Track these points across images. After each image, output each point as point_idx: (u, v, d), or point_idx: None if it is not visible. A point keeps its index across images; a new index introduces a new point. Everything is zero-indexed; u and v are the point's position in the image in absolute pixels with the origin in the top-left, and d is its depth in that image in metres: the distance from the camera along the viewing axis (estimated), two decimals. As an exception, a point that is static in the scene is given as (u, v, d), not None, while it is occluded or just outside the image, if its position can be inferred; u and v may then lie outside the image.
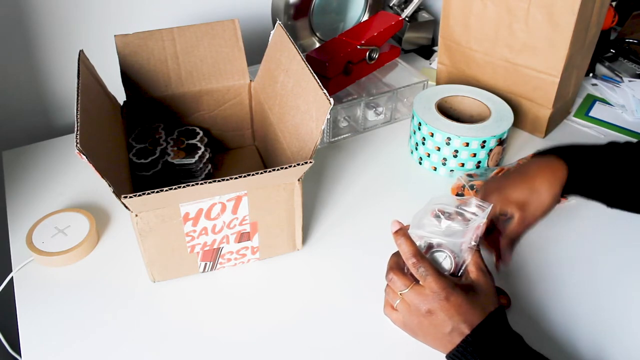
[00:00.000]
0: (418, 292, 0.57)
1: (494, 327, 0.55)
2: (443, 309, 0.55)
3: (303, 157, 0.68)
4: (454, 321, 0.55)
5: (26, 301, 0.69)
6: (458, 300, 0.55)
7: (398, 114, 1.03)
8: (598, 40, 1.00)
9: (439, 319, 0.56)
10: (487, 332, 0.55)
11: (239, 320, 0.68)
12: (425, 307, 0.56)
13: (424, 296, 0.56)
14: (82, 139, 0.56)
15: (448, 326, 0.55)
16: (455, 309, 0.55)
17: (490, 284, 0.59)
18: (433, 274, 0.56)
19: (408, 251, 0.58)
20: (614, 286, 0.72)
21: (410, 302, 0.58)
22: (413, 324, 0.58)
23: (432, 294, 0.56)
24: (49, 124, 1.04)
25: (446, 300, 0.55)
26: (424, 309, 0.56)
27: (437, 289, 0.55)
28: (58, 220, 0.78)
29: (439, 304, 0.55)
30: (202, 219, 0.66)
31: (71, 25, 0.96)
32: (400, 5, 1.19)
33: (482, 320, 0.55)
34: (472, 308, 0.55)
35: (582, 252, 0.77)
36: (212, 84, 0.84)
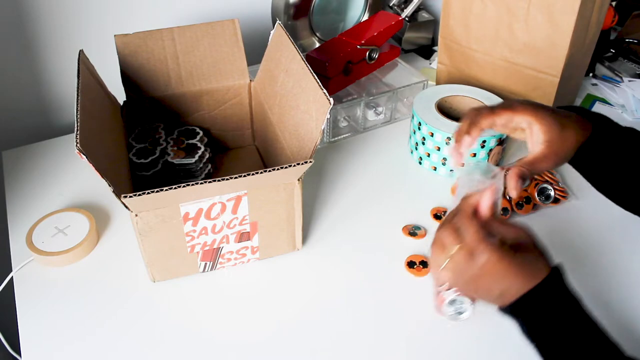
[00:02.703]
0: (465, 255, 0.53)
1: (549, 288, 0.53)
2: (488, 273, 0.52)
3: (303, 157, 0.68)
4: (501, 286, 0.53)
5: (26, 301, 0.69)
6: (502, 263, 0.52)
7: (398, 113, 1.03)
8: (598, 40, 1.00)
9: (486, 283, 0.53)
10: (540, 295, 0.52)
11: (239, 320, 0.68)
12: (471, 271, 0.53)
13: (469, 260, 0.53)
14: (82, 139, 0.56)
15: (496, 290, 0.53)
16: (501, 274, 0.52)
17: (535, 240, 0.55)
18: (476, 232, 0.53)
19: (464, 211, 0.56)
20: (615, 286, 0.72)
21: (458, 263, 0.54)
22: (462, 284, 0.56)
23: (481, 257, 0.52)
24: (49, 124, 1.03)
25: (488, 264, 0.52)
26: (472, 273, 0.53)
27: (483, 249, 0.52)
28: (58, 220, 0.78)
29: (483, 269, 0.52)
30: (202, 218, 0.66)
31: (71, 25, 0.96)
32: (400, 5, 1.19)
33: (537, 283, 0.52)
34: (518, 271, 0.52)
35: (585, 252, 0.77)
36: (212, 84, 0.84)
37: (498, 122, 0.62)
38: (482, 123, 0.62)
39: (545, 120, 0.60)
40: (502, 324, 0.68)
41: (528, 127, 0.61)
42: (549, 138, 0.60)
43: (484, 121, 0.62)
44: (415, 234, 0.79)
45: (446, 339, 0.66)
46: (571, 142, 0.61)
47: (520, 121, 0.61)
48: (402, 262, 0.75)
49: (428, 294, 0.71)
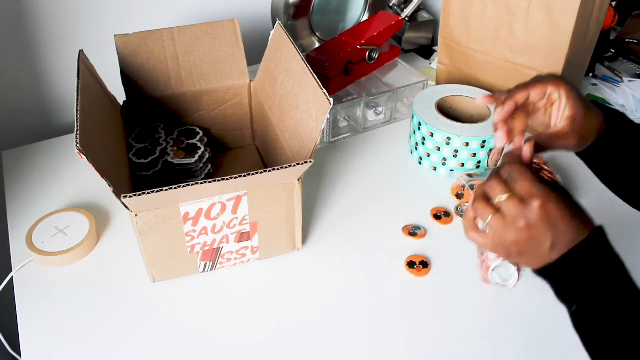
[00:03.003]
0: (517, 202, 0.50)
1: (594, 247, 0.51)
2: (542, 220, 0.50)
3: (303, 157, 0.68)
4: (554, 234, 0.50)
5: (26, 301, 0.69)
6: (557, 208, 0.50)
7: (398, 114, 1.03)
8: (598, 40, 1.00)
9: (537, 232, 0.50)
10: (586, 253, 0.50)
11: (239, 320, 0.68)
12: (524, 219, 0.50)
13: (522, 206, 0.50)
14: (82, 139, 0.56)
15: (547, 241, 0.50)
16: (555, 220, 0.50)
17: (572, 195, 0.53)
18: (528, 179, 0.51)
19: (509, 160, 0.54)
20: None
21: (508, 213, 0.51)
22: (508, 241, 0.52)
23: (537, 200, 0.50)
24: (49, 124, 1.03)
25: (544, 208, 0.49)
26: (522, 222, 0.50)
27: (536, 194, 0.50)
28: (58, 220, 0.78)
29: (538, 214, 0.50)
30: (202, 218, 0.66)
31: (71, 25, 0.96)
32: (400, 5, 1.19)
33: (583, 239, 0.50)
34: (570, 221, 0.50)
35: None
36: (212, 84, 0.84)
37: (533, 95, 0.61)
38: (517, 96, 0.61)
39: (574, 96, 0.60)
40: (502, 325, 0.68)
41: (558, 100, 0.60)
42: (574, 114, 0.59)
43: (519, 95, 0.61)
44: (415, 234, 0.79)
45: (446, 339, 0.66)
46: (592, 127, 0.61)
47: (552, 92, 0.60)
48: (402, 262, 0.75)
49: (428, 294, 0.71)
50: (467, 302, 0.70)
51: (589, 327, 0.51)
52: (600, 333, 0.50)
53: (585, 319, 0.51)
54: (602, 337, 0.50)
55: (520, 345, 0.66)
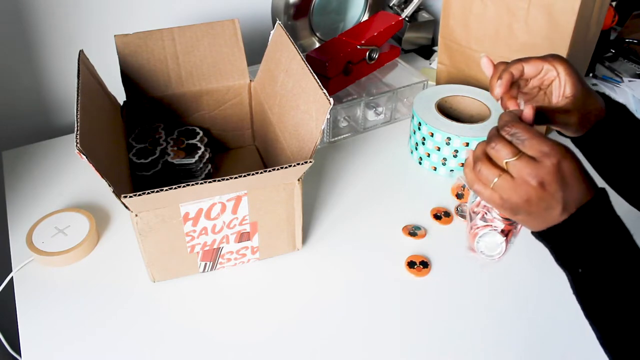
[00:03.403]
0: (528, 161, 0.48)
1: (599, 208, 0.49)
2: (556, 178, 0.48)
3: (303, 157, 0.68)
4: (566, 195, 0.48)
5: (26, 301, 0.69)
6: (571, 166, 0.48)
7: (398, 114, 1.03)
8: (598, 40, 1.00)
9: (550, 191, 0.48)
10: (592, 214, 0.49)
11: (239, 320, 0.68)
12: (536, 178, 0.48)
13: (535, 165, 0.48)
14: (82, 139, 0.56)
15: (559, 201, 0.48)
16: (568, 179, 0.48)
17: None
18: (538, 136, 0.48)
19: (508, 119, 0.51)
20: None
21: (518, 174, 0.48)
22: (517, 201, 0.49)
23: (551, 158, 0.48)
24: (49, 124, 1.03)
25: (558, 166, 0.48)
26: (535, 182, 0.48)
27: (549, 152, 0.48)
28: (58, 220, 0.78)
29: (553, 172, 0.47)
30: (202, 218, 0.66)
31: (71, 25, 0.96)
32: (400, 5, 1.19)
33: (590, 199, 0.49)
34: (581, 180, 0.49)
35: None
36: (212, 84, 0.84)
37: (527, 69, 0.59)
38: (512, 68, 0.59)
39: (575, 76, 0.59)
40: (503, 325, 0.68)
41: (557, 78, 0.59)
42: (575, 93, 0.58)
43: (514, 67, 0.59)
44: (415, 234, 0.79)
45: (446, 339, 0.66)
46: (592, 110, 0.59)
47: (549, 68, 0.59)
48: (402, 262, 0.75)
49: (428, 294, 0.71)
50: (467, 302, 0.70)
51: (591, 291, 0.50)
52: (602, 297, 0.49)
53: (587, 284, 0.50)
54: (604, 301, 0.49)
55: (521, 345, 0.66)
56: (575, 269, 0.50)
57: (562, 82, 0.59)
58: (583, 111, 0.59)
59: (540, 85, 0.61)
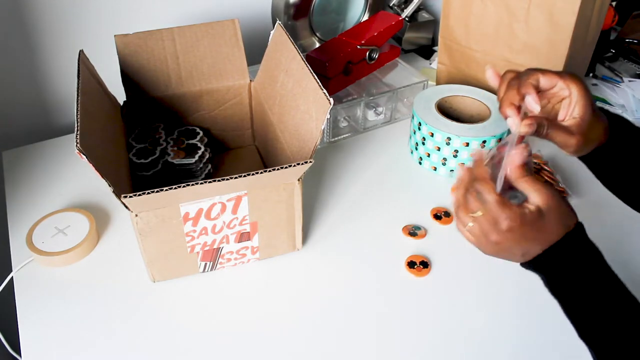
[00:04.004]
0: (488, 220, 0.53)
1: (570, 244, 0.53)
2: (510, 238, 0.53)
3: (303, 157, 0.68)
4: (522, 248, 0.53)
5: (26, 301, 0.69)
6: (522, 228, 0.52)
7: (398, 114, 1.03)
8: (598, 40, 1.00)
9: (508, 245, 0.53)
10: (561, 250, 0.53)
11: (239, 320, 0.68)
12: (493, 236, 0.53)
13: (492, 225, 0.53)
14: (82, 139, 0.56)
15: (518, 251, 0.54)
16: (522, 238, 0.53)
17: (558, 199, 0.54)
18: (494, 201, 0.53)
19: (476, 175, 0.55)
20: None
21: (480, 228, 0.54)
22: (486, 245, 0.55)
23: (503, 223, 0.52)
24: (49, 124, 1.03)
25: (513, 229, 0.52)
26: (493, 238, 0.53)
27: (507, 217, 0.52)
28: (58, 220, 0.78)
29: (505, 235, 0.53)
30: (202, 219, 0.66)
31: (71, 25, 0.96)
32: (400, 5, 1.19)
33: (557, 240, 0.53)
34: (538, 233, 0.53)
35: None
36: (212, 84, 0.84)
37: (542, 82, 0.59)
38: (530, 77, 0.59)
39: (587, 99, 0.59)
40: (503, 325, 0.68)
41: (569, 97, 0.59)
42: (582, 116, 0.58)
43: (533, 77, 0.59)
44: (415, 234, 0.79)
45: (446, 339, 0.66)
46: (596, 135, 0.60)
47: (562, 87, 0.59)
48: (402, 262, 0.75)
49: (428, 294, 0.71)
50: (467, 302, 0.70)
51: (577, 316, 0.54)
52: (588, 321, 0.53)
53: (572, 309, 0.54)
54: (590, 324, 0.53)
55: (521, 345, 0.66)
56: (558, 297, 0.55)
57: (573, 103, 0.59)
58: (585, 136, 0.59)
59: (549, 98, 0.61)
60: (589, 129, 0.59)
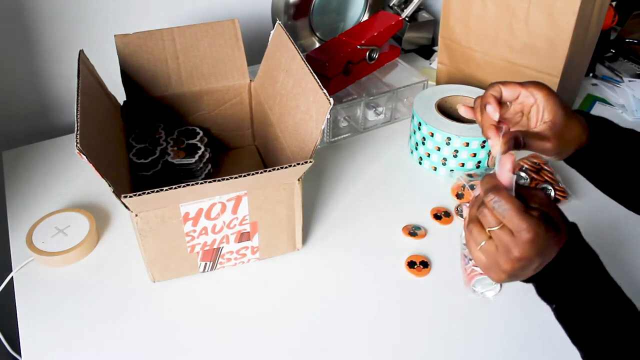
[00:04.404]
0: (508, 233, 0.50)
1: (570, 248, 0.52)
2: (533, 250, 0.50)
3: (303, 157, 0.68)
4: (543, 259, 0.51)
5: (26, 301, 0.69)
6: (546, 238, 0.50)
7: (398, 114, 1.03)
8: (598, 40, 1.00)
9: (529, 259, 0.50)
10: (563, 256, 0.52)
11: (239, 320, 0.68)
12: (515, 250, 0.50)
13: (513, 239, 0.50)
14: (82, 139, 0.56)
15: (536, 264, 0.51)
16: (544, 248, 0.50)
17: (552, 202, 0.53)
18: (516, 211, 0.50)
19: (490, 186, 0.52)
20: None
21: (499, 243, 0.51)
22: (500, 267, 0.52)
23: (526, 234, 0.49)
24: (49, 124, 1.03)
25: (534, 242, 0.49)
26: (515, 253, 0.50)
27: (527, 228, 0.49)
28: (58, 220, 0.78)
29: (529, 247, 0.50)
30: (202, 218, 0.66)
31: (71, 25, 0.96)
32: (400, 5, 1.19)
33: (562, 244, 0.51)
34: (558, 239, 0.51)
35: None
36: (212, 84, 0.84)
37: (505, 93, 0.60)
38: (492, 89, 0.61)
39: (554, 102, 0.59)
40: (503, 325, 0.68)
41: (535, 104, 0.60)
42: (553, 119, 0.59)
43: (493, 89, 0.61)
44: (415, 234, 0.79)
45: (446, 339, 0.66)
46: (573, 135, 0.60)
47: (526, 95, 0.60)
48: (402, 262, 0.75)
49: (428, 294, 0.71)
50: (467, 302, 0.70)
51: (570, 321, 0.54)
52: (581, 325, 0.53)
53: (566, 315, 0.54)
54: (583, 328, 0.53)
55: (521, 345, 0.66)
56: (551, 303, 0.54)
57: (541, 108, 0.60)
58: (561, 138, 0.60)
59: (522, 110, 0.62)
60: (563, 130, 0.60)
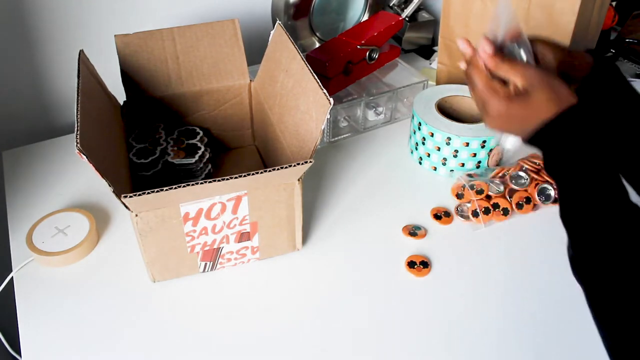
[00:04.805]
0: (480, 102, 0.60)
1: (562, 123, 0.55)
2: (503, 117, 0.58)
3: (303, 157, 0.68)
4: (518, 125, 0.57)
5: (26, 301, 0.69)
6: (518, 107, 0.57)
7: (398, 114, 1.03)
8: (598, 40, 1.00)
9: (502, 124, 0.59)
10: (554, 128, 0.55)
11: (239, 320, 0.68)
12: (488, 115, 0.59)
13: (485, 108, 0.59)
14: (82, 139, 0.56)
15: (514, 129, 0.58)
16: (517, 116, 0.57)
17: (546, 78, 0.57)
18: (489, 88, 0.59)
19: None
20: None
21: (479, 99, 0.61)
22: (485, 115, 0.60)
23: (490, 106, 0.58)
24: (49, 124, 1.03)
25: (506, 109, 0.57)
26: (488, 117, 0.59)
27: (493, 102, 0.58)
28: (58, 220, 0.78)
29: (498, 115, 0.58)
30: (202, 218, 0.66)
31: (71, 25, 0.96)
32: (400, 5, 1.19)
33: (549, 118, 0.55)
34: (533, 110, 0.56)
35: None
36: (212, 84, 0.84)
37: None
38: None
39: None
40: (503, 324, 0.68)
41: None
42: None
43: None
44: (415, 234, 0.79)
45: (446, 339, 0.66)
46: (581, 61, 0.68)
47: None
48: (402, 262, 0.75)
49: (428, 294, 0.71)
50: (467, 302, 0.70)
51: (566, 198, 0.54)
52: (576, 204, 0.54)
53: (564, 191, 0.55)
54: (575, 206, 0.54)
55: (521, 345, 0.66)
56: (553, 177, 0.56)
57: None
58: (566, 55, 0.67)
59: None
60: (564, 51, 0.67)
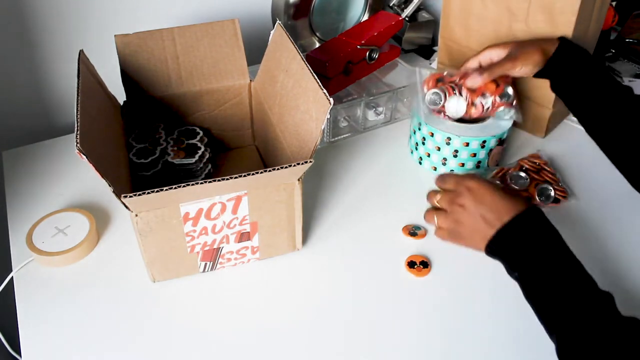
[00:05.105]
0: (448, 194, 0.65)
1: (526, 222, 0.59)
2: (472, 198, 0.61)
3: (303, 157, 0.68)
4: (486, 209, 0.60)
5: (26, 301, 0.69)
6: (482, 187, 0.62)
7: (398, 114, 1.03)
8: (598, 40, 1.00)
9: (472, 208, 0.61)
10: (519, 225, 0.59)
11: (239, 320, 0.68)
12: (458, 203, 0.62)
13: (453, 195, 0.63)
14: (82, 139, 0.56)
15: (483, 215, 0.60)
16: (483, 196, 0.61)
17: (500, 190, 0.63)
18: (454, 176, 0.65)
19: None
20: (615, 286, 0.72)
21: (445, 206, 0.65)
22: (454, 228, 0.64)
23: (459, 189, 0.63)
24: (49, 124, 1.04)
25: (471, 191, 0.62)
26: (457, 205, 0.62)
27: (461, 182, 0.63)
28: (58, 220, 0.78)
29: (467, 195, 0.62)
30: (202, 218, 0.66)
31: (71, 25, 0.96)
32: (400, 5, 1.19)
33: (514, 215, 0.59)
34: (501, 197, 0.61)
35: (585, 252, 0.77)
36: (212, 84, 0.84)
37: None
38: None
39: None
40: (504, 324, 0.68)
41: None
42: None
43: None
44: (415, 234, 0.79)
45: (446, 339, 0.66)
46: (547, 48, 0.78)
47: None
48: (402, 262, 0.75)
49: (428, 294, 0.71)
50: (467, 302, 0.70)
51: (534, 295, 0.58)
52: (544, 297, 0.57)
53: (530, 288, 0.58)
54: (546, 301, 0.57)
55: (521, 345, 0.66)
56: (514, 274, 0.59)
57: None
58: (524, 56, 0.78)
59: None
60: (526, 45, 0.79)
